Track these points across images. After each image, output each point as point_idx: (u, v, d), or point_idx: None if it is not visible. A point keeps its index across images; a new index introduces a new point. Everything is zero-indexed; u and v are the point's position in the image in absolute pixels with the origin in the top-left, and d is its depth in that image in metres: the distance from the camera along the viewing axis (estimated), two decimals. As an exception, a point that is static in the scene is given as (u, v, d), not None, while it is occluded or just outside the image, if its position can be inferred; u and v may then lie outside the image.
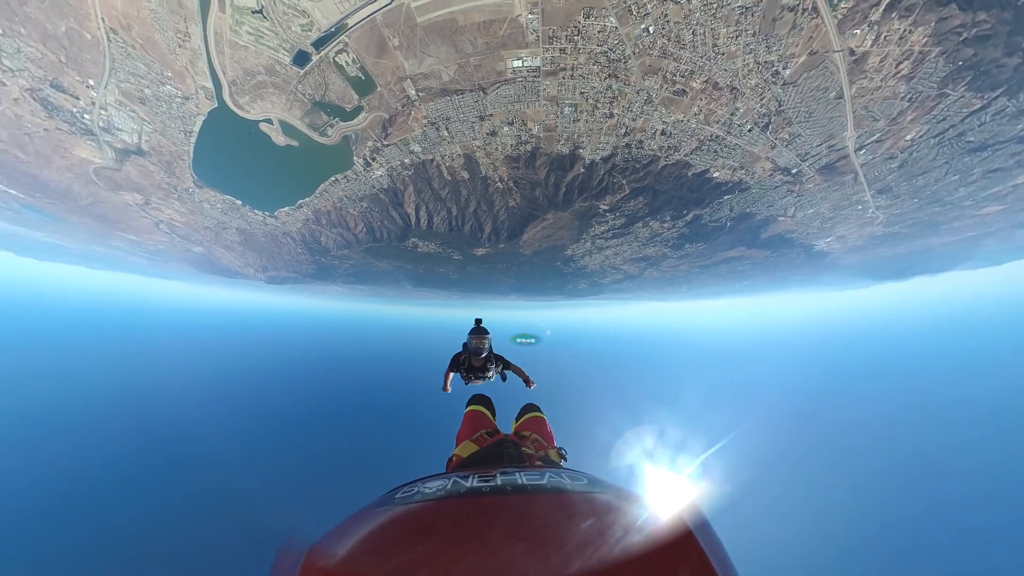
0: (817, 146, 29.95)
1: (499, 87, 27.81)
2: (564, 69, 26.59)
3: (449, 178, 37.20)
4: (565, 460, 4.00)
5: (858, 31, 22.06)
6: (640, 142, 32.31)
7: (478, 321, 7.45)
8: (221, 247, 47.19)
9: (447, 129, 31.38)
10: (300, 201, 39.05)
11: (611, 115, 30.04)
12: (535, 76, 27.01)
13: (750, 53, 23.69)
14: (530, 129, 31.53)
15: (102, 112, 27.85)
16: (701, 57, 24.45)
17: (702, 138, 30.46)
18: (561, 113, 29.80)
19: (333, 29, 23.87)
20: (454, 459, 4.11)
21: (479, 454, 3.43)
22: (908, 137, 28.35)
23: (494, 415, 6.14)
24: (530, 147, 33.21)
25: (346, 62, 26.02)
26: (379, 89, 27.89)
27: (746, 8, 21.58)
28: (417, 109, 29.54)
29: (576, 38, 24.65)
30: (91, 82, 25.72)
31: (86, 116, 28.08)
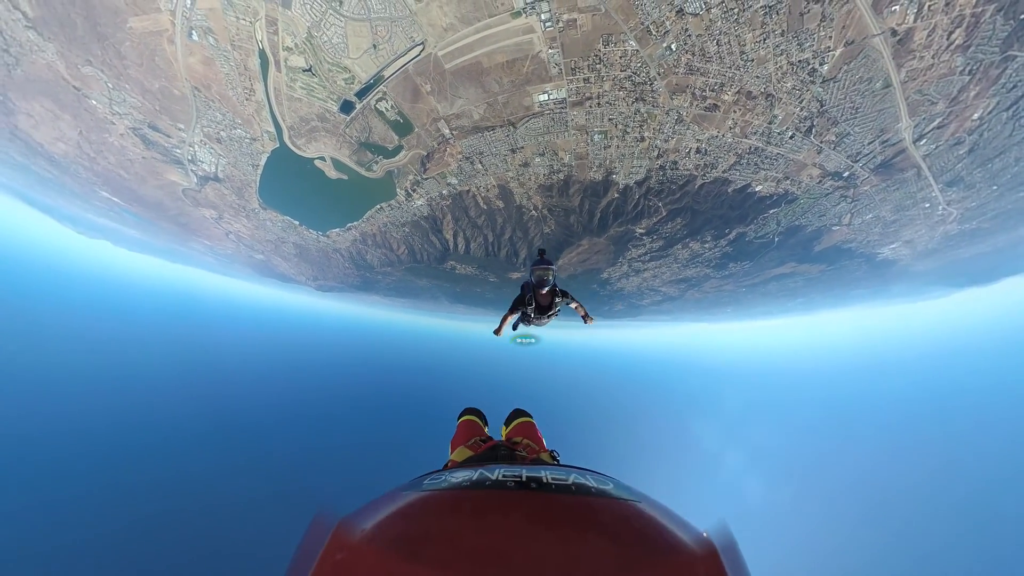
0: (869, 143, 27.18)
1: (528, 121, 28.64)
2: (590, 98, 26.81)
3: (485, 207, 38.45)
4: (557, 463, 3.97)
5: (897, 7, 19.92)
6: (675, 163, 31.38)
7: (541, 252, 7.24)
8: (279, 257, 53.75)
9: (481, 163, 32.72)
10: (349, 224, 42.64)
11: (642, 138, 29.60)
12: (562, 108, 27.52)
13: (781, 55, 22.37)
14: (561, 158, 31.86)
15: (189, 148, 33.84)
16: (729, 68, 23.50)
17: (740, 152, 28.99)
18: (591, 141, 29.92)
19: (372, 80, 26.39)
20: (450, 464, 4.07)
21: (473, 459, 3.51)
22: (975, 116, 24.75)
23: (486, 425, 6.23)
24: (562, 176, 33.51)
25: (386, 108, 28.51)
26: (416, 130, 30.03)
27: (769, 8, 20.41)
28: (452, 146, 31.20)
29: (598, 66, 24.87)
30: (180, 125, 31.56)
31: (176, 150, 34.28)
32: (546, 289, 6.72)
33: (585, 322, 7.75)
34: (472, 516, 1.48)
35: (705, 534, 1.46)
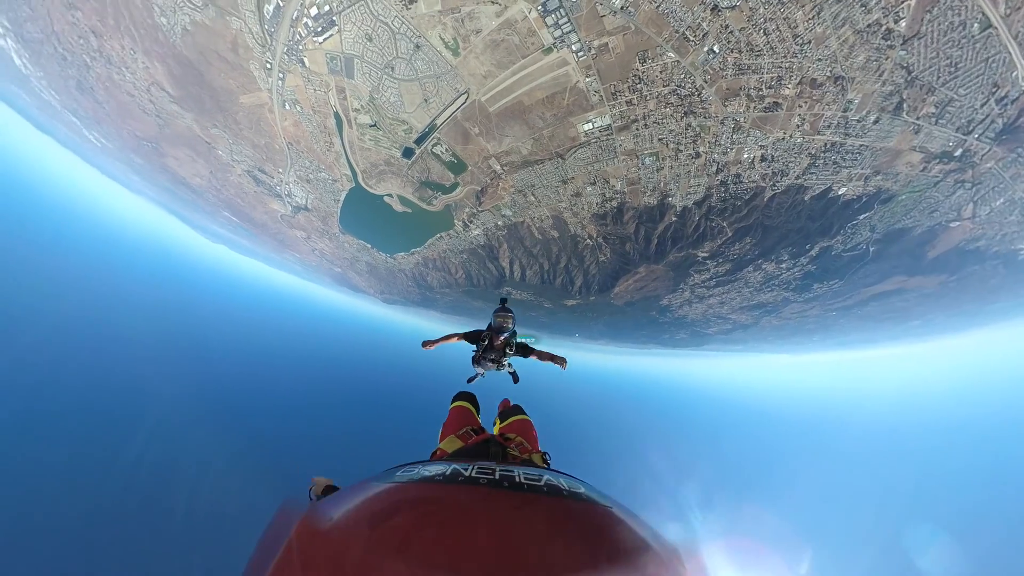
0: (982, 106, 21.54)
1: (575, 151, 28.93)
2: (636, 120, 26.26)
3: (540, 237, 39.03)
4: (548, 465, 3.83)
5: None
6: (737, 176, 28.94)
7: (503, 300, 7.48)
8: (353, 272, 61.50)
9: (533, 195, 33.69)
10: (413, 250, 46.91)
11: (697, 154, 27.95)
12: (608, 134, 27.40)
13: (843, 25, 19.50)
14: (613, 186, 31.37)
15: (286, 185, 41.60)
16: (784, 57, 21.20)
17: (814, 152, 25.70)
18: (642, 165, 29.07)
19: (427, 129, 29.58)
20: (438, 453, 4.09)
21: (464, 451, 3.45)
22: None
23: (478, 413, 6.15)
24: (616, 203, 32.91)
25: (441, 151, 31.46)
26: (470, 168, 32.33)
27: None
28: (504, 181, 32.80)
29: (639, 86, 24.36)
30: (280, 170, 39.06)
31: (277, 187, 42.34)
32: (503, 336, 6.87)
33: (561, 366, 6.89)
34: (439, 511, 1.46)
35: (672, 544, 1.46)
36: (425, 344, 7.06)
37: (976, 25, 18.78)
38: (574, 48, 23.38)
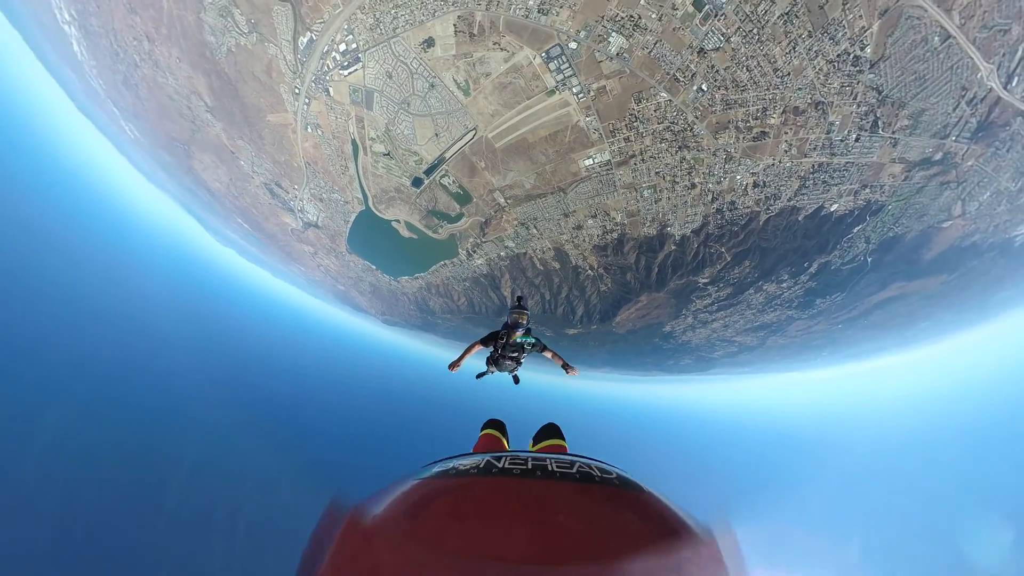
0: (954, 110, 23.22)
1: (576, 185, 30.55)
2: (633, 156, 28.08)
3: (541, 268, 39.91)
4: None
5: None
6: (732, 203, 30.22)
7: (519, 299, 7.66)
8: (356, 291, 61.99)
9: (536, 228, 35.06)
10: (417, 274, 47.62)
11: (693, 185, 29.41)
12: (608, 169, 29.11)
13: (816, 56, 21.56)
14: (614, 218, 32.74)
15: (299, 201, 43.13)
16: (767, 89, 23.10)
17: (803, 174, 27.20)
18: (641, 197, 30.56)
19: (436, 161, 31.60)
20: None
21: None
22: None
23: (507, 440, 6.10)
24: (616, 235, 34.11)
25: (448, 183, 33.21)
26: (475, 200, 33.96)
27: (787, 14, 20.18)
28: (508, 213, 34.28)
29: (636, 124, 26.34)
30: (295, 186, 40.80)
31: (291, 202, 43.87)
32: (519, 332, 7.13)
33: (567, 372, 7.19)
34: (476, 503, 1.52)
35: (705, 525, 1.50)
36: (451, 366, 7.13)
37: (936, 38, 20.87)
38: (575, 90, 25.58)
